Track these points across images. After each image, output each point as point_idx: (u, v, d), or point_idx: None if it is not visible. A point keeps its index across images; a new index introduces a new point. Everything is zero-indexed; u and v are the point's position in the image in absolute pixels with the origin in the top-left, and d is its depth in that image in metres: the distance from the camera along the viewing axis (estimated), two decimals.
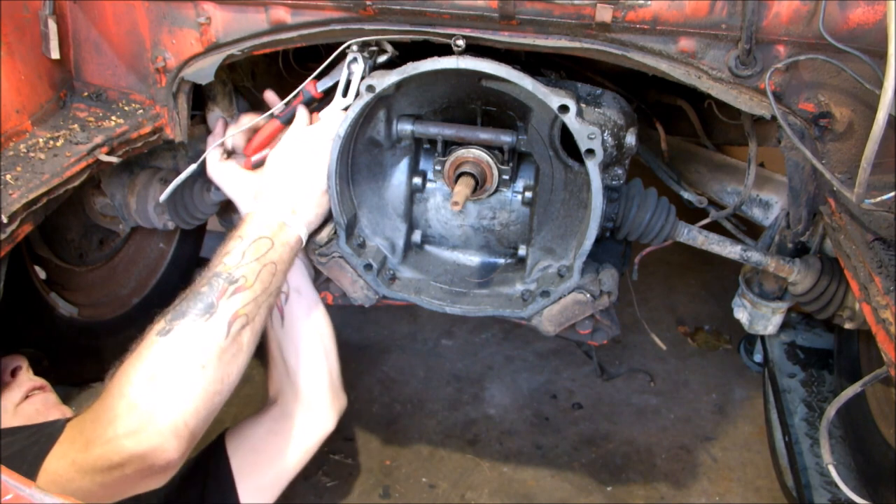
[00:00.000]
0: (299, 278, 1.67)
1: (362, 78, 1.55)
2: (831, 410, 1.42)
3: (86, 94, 1.74)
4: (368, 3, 1.44)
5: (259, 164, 1.68)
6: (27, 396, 1.56)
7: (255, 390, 2.53)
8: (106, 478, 1.11)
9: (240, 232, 1.39)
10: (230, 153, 1.77)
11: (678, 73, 1.43)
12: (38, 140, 1.55)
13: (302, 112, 1.63)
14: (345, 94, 1.61)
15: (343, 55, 1.59)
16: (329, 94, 1.66)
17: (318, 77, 1.66)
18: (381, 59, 1.61)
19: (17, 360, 1.65)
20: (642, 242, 1.79)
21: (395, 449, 2.47)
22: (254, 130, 1.76)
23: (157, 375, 1.17)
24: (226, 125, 1.80)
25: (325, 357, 1.73)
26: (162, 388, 1.16)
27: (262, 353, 1.65)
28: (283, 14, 1.53)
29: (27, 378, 1.60)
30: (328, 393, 1.71)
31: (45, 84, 1.65)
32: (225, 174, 1.70)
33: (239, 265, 1.31)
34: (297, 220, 1.47)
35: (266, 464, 1.66)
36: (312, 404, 1.70)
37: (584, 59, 1.54)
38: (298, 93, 1.68)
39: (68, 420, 1.22)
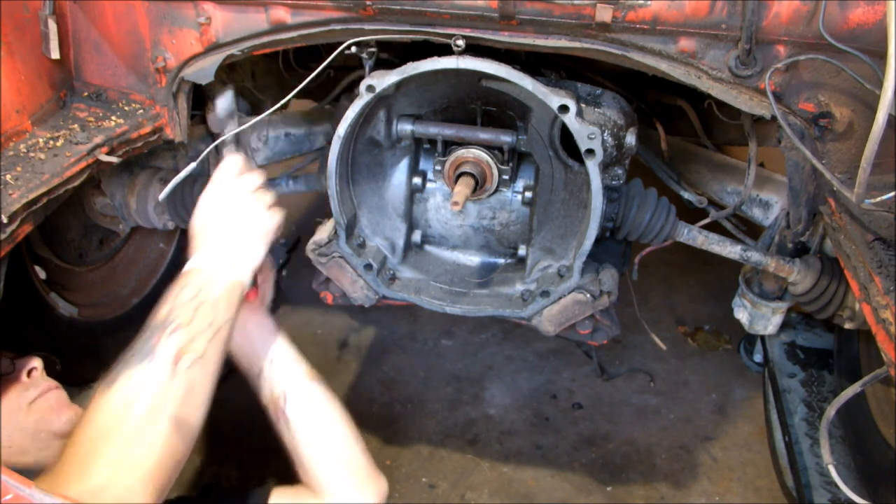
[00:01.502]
0: (290, 378, 1.54)
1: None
2: (831, 410, 1.42)
3: (86, 94, 1.74)
4: (368, 3, 1.44)
5: None
6: (42, 395, 1.57)
7: None
8: None
9: (173, 286, 1.32)
10: None
11: (678, 73, 1.43)
12: (38, 140, 1.55)
13: (227, 160, 1.53)
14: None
15: (331, 51, 1.56)
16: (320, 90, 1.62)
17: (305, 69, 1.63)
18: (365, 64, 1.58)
19: (33, 361, 1.64)
20: (642, 242, 1.79)
21: (395, 449, 2.47)
22: None
23: (106, 432, 1.13)
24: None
25: (344, 447, 1.62)
26: (114, 446, 1.11)
27: None
28: (283, 14, 1.53)
29: (42, 378, 1.61)
30: (358, 483, 1.61)
31: (45, 84, 1.65)
32: None
33: (172, 310, 1.25)
34: (231, 265, 1.37)
35: None
36: (341, 496, 1.59)
37: (584, 59, 1.54)
38: None
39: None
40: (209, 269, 1.34)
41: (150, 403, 1.16)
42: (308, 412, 1.55)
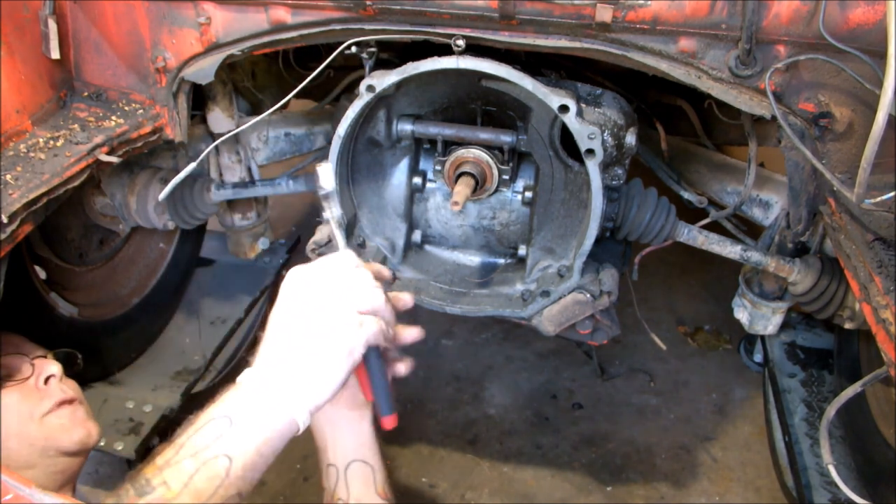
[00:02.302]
0: (358, 491, 1.29)
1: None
2: (831, 410, 1.42)
3: (86, 94, 1.74)
4: (368, 3, 1.44)
5: None
6: (55, 409, 1.50)
7: None
8: None
9: (209, 406, 0.99)
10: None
11: (678, 73, 1.43)
12: (38, 140, 1.55)
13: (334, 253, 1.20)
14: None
15: (331, 51, 1.52)
16: (319, 88, 1.61)
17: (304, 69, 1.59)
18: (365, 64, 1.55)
19: (52, 367, 1.52)
20: (642, 242, 1.79)
21: (395, 449, 2.47)
22: None
23: None
24: None
25: None
26: None
27: None
28: (283, 14, 1.53)
29: (59, 389, 1.51)
30: None
31: (45, 84, 1.65)
32: None
33: (165, 464, 0.91)
34: (294, 394, 0.98)
35: None
36: None
37: (584, 59, 1.54)
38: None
39: None
40: (252, 400, 0.97)
41: None
42: None
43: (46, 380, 1.51)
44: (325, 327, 1.02)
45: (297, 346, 1.01)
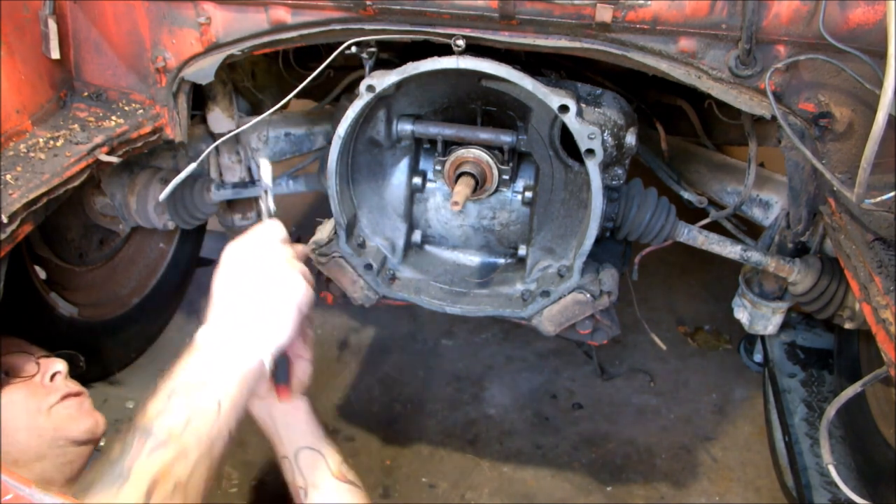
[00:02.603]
0: (314, 474, 1.40)
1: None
2: (831, 410, 1.42)
3: (86, 94, 1.74)
4: (368, 3, 1.44)
5: None
6: (62, 400, 1.56)
7: None
8: None
9: (176, 366, 1.11)
10: None
11: (678, 73, 1.43)
12: (38, 140, 1.55)
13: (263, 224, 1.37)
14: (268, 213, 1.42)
15: (331, 51, 1.55)
16: (319, 89, 1.61)
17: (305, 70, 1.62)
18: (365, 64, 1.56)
19: (57, 364, 1.61)
20: (642, 242, 1.79)
21: (395, 449, 2.46)
22: None
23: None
24: None
25: None
26: None
27: None
28: (283, 14, 1.53)
29: (64, 384, 1.60)
30: None
31: (45, 84, 1.65)
32: None
33: (162, 412, 1.03)
34: (256, 340, 1.15)
35: None
36: None
37: (584, 59, 1.54)
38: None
39: None
40: (222, 349, 1.12)
41: None
42: None
43: (52, 377, 1.56)
44: (275, 282, 1.19)
45: (252, 300, 1.17)
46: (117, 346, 2.39)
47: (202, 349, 1.12)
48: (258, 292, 1.18)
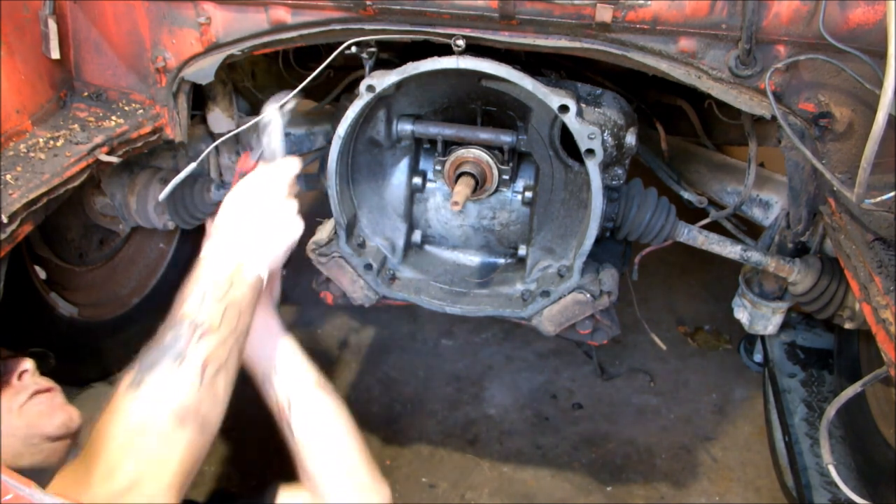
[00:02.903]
0: (295, 386, 1.56)
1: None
2: (831, 410, 1.42)
3: (86, 94, 1.74)
4: (368, 3, 1.44)
5: None
6: (31, 398, 1.57)
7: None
8: None
9: (196, 275, 1.32)
10: None
11: (678, 73, 1.43)
12: (38, 140, 1.55)
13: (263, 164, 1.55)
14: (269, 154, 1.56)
15: (331, 51, 1.57)
16: (320, 89, 1.63)
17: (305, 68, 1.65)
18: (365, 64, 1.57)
19: (24, 363, 1.62)
20: (642, 242, 1.79)
21: (395, 449, 2.47)
22: None
23: (135, 433, 1.14)
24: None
25: (347, 456, 1.61)
26: (143, 447, 1.13)
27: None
28: (283, 14, 1.53)
29: (33, 381, 1.60)
30: (358, 489, 1.61)
31: (45, 84, 1.65)
32: None
33: (201, 308, 1.25)
34: (254, 259, 1.39)
35: None
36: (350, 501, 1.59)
37: (584, 59, 1.54)
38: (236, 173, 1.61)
39: (55, 473, 1.19)
40: (240, 265, 1.34)
41: (179, 407, 1.16)
42: (313, 421, 1.53)
43: (20, 375, 1.56)
44: (277, 217, 1.40)
45: (260, 228, 1.38)
46: (117, 346, 2.39)
47: (217, 261, 1.33)
48: (264, 222, 1.40)
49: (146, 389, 1.16)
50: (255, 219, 1.42)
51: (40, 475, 1.16)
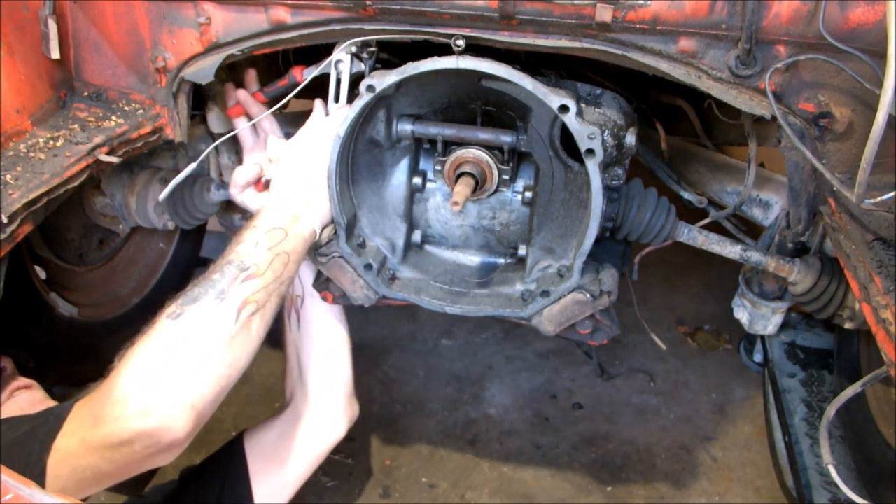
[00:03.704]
0: (311, 278, 1.69)
1: (352, 76, 1.59)
2: (831, 410, 1.42)
3: (86, 94, 1.74)
4: (368, 3, 1.44)
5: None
6: (11, 395, 1.58)
7: (255, 390, 2.53)
8: (114, 454, 1.14)
9: (254, 222, 1.41)
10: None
11: (678, 73, 1.43)
12: (38, 140, 1.54)
13: (319, 106, 1.66)
14: (336, 97, 1.63)
15: (331, 51, 1.60)
16: (322, 89, 1.67)
17: (306, 65, 1.70)
18: (365, 64, 1.63)
19: (3, 361, 1.66)
20: (642, 242, 1.79)
21: (395, 449, 2.47)
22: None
23: (167, 357, 1.20)
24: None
25: (338, 363, 1.73)
26: (172, 370, 1.19)
27: (270, 354, 1.64)
28: (283, 14, 1.53)
29: (13, 379, 1.62)
30: (338, 398, 1.72)
31: (45, 84, 1.65)
32: (248, 198, 1.77)
33: (251, 254, 1.33)
34: (312, 213, 1.49)
35: (277, 467, 1.68)
36: (322, 409, 1.71)
37: (584, 59, 1.54)
38: (284, 77, 1.73)
39: (76, 401, 1.24)
40: (297, 217, 1.44)
41: (213, 341, 1.22)
42: (319, 320, 1.66)
43: None
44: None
45: (313, 174, 1.51)
46: (117, 346, 2.38)
47: (276, 211, 1.43)
48: (322, 175, 1.50)
49: (184, 320, 1.23)
50: (315, 171, 1.50)
51: None
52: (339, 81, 1.62)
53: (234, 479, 1.63)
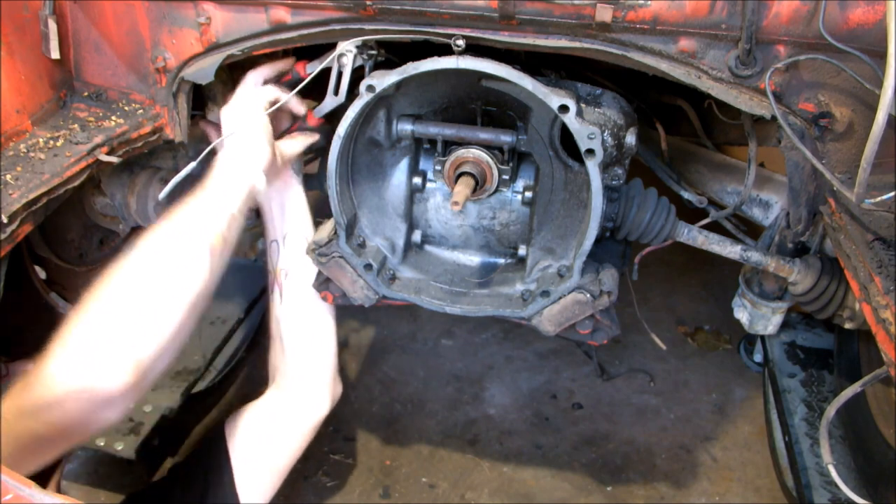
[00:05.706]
0: (298, 260, 1.68)
1: (353, 73, 1.61)
2: (831, 410, 1.42)
3: (86, 94, 1.74)
4: (368, 3, 1.45)
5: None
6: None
7: None
8: (48, 416, 1.08)
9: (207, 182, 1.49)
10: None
11: (678, 73, 1.43)
12: (38, 140, 1.55)
13: (249, 78, 1.72)
14: (336, 90, 1.65)
15: (333, 49, 1.60)
16: (321, 82, 1.67)
17: (308, 60, 1.72)
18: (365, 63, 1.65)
19: (28, 365, 1.66)
20: (642, 242, 1.79)
21: (395, 449, 2.47)
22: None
23: (98, 312, 1.18)
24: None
25: (323, 338, 1.73)
26: (101, 323, 1.16)
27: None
28: (283, 14, 1.53)
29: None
30: (323, 374, 1.72)
31: (45, 84, 1.65)
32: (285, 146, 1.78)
33: (217, 207, 1.42)
34: (247, 173, 1.54)
35: (262, 449, 1.64)
36: (306, 385, 1.70)
37: (584, 59, 1.54)
38: (287, 73, 1.76)
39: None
40: (231, 178, 1.51)
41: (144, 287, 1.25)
42: (302, 294, 1.67)
43: None
44: (246, 126, 1.57)
45: (242, 146, 1.56)
46: None
47: (221, 176, 1.50)
48: (237, 136, 1.57)
49: (120, 273, 1.25)
50: (239, 137, 1.57)
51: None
52: (340, 74, 1.63)
53: (216, 467, 1.59)
